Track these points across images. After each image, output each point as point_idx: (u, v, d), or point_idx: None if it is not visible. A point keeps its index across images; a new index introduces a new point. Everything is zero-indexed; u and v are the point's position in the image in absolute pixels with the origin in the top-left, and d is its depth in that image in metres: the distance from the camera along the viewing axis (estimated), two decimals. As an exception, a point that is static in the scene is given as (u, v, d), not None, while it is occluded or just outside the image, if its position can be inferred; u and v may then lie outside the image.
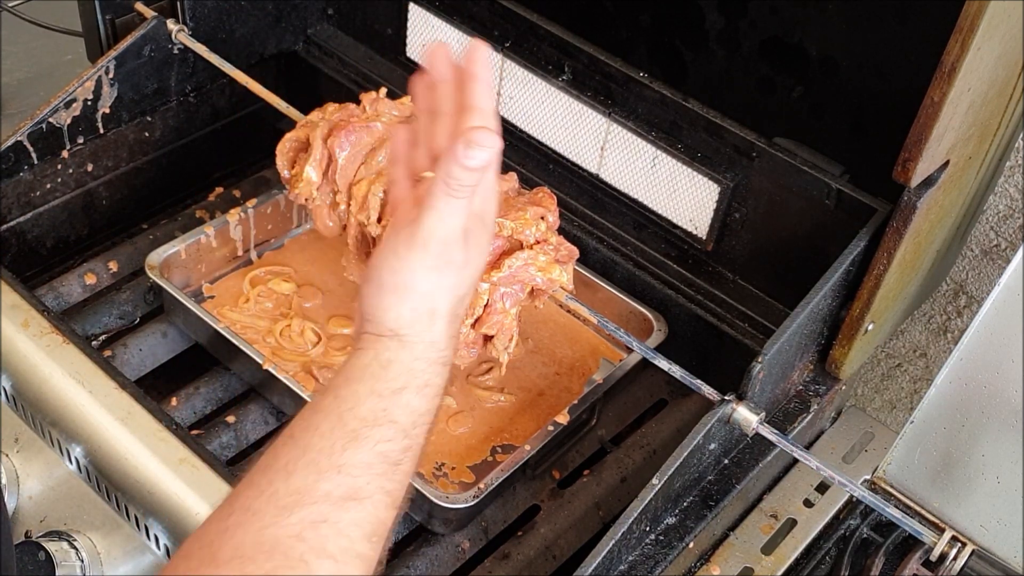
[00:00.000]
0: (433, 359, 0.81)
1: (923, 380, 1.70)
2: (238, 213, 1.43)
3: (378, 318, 0.81)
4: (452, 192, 0.81)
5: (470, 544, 1.21)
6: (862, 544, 1.26)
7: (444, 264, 0.82)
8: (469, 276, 0.86)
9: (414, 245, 0.81)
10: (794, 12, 1.35)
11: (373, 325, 0.81)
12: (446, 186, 0.81)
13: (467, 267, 0.85)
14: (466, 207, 0.82)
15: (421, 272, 0.81)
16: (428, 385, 0.80)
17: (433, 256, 0.81)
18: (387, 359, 0.79)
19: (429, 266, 0.81)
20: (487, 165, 0.82)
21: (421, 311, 0.81)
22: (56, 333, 1.23)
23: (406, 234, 0.82)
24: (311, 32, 1.67)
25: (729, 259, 1.37)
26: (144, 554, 1.20)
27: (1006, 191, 1.48)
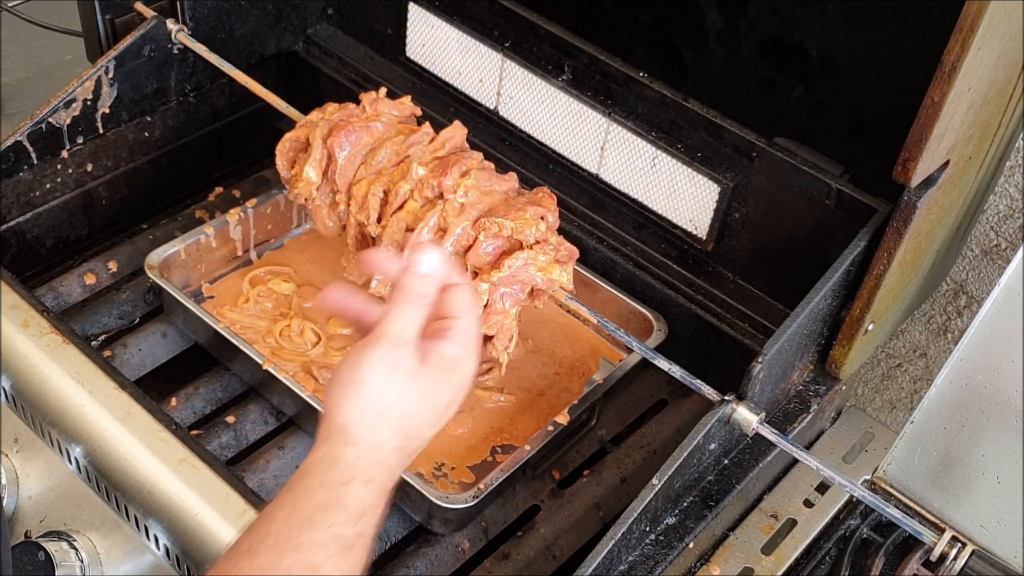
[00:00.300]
0: (375, 460, 0.84)
1: (923, 380, 1.70)
2: (238, 213, 1.43)
3: (332, 412, 0.85)
4: (406, 299, 0.87)
5: (470, 544, 1.21)
6: (862, 544, 1.26)
7: (395, 364, 0.85)
8: (425, 404, 0.87)
9: (369, 341, 0.86)
10: (794, 12, 1.35)
11: (327, 420, 0.86)
12: (402, 291, 0.88)
13: (420, 382, 0.86)
14: (419, 314, 0.87)
15: (372, 366, 0.85)
16: (372, 481, 0.83)
17: (384, 352, 0.85)
18: (334, 456, 0.83)
19: (381, 361, 0.85)
20: (436, 275, 0.89)
21: (370, 408, 0.84)
22: (56, 333, 1.23)
23: (370, 334, 0.87)
24: (311, 32, 1.67)
25: (729, 259, 1.37)
26: (144, 554, 1.20)
27: (1006, 191, 1.48)
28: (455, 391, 0.88)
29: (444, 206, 1.18)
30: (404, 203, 1.21)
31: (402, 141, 1.25)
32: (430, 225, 1.18)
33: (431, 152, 1.24)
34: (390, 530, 1.21)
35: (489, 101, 1.51)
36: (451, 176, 1.19)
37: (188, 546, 1.13)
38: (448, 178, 1.18)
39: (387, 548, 1.20)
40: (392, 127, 1.27)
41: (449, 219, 1.18)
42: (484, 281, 1.15)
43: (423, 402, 0.87)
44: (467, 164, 1.21)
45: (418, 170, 1.20)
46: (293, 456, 1.26)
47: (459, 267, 1.18)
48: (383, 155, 1.24)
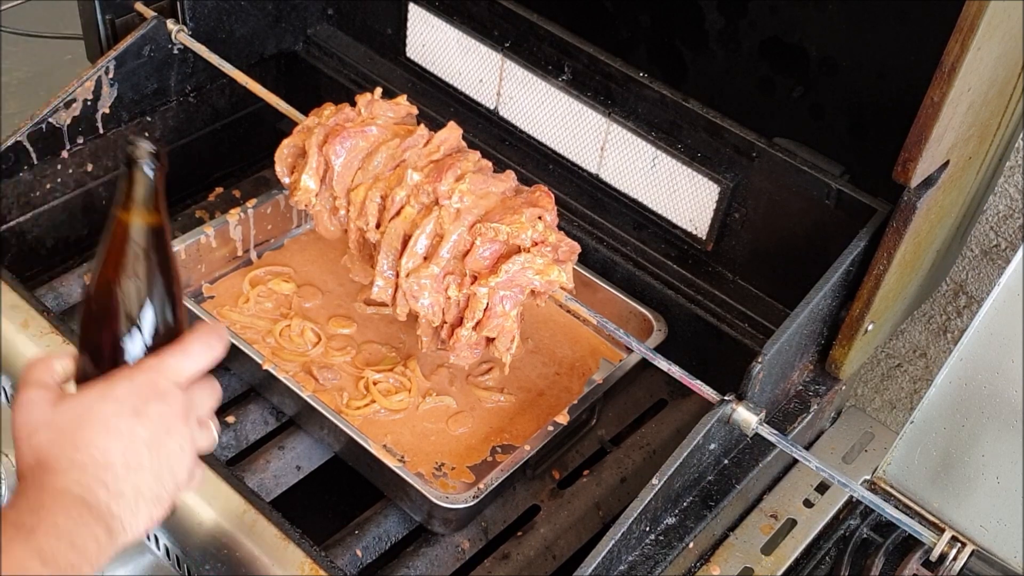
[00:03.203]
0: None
1: (923, 380, 1.70)
2: (238, 213, 1.43)
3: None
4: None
5: (470, 544, 1.21)
6: (862, 544, 1.26)
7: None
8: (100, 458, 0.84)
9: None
10: (794, 12, 1.35)
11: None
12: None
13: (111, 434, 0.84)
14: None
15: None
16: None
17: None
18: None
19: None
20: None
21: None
22: (56, 333, 1.23)
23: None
24: (311, 32, 1.67)
25: (729, 259, 1.37)
26: (144, 554, 1.20)
27: (1006, 191, 1.48)
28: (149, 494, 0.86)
29: (440, 212, 1.18)
30: (401, 209, 1.21)
31: (398, 144, 1.25)
32: (427, 232, 1.18)
33: (426, 156, 1.24)
34: (390, 530, 1.21)
35: (489, 101, 1.51)
36: (446, 181, 1.19)
37: (188, 546, 1.12)
38: (443, 183, 1.18)
39: (387, 548, 1.20)
40: (388, 129, 1.27)
41: (445, 225, 1.18)
42: (483, 285, 1.15)
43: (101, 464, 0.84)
44: (462, 167, 1.21)
45: (413, 176, 1.20)
46: (293, 456, 1.26)
47: (459, 271, 1.18)
48: (379, 159, 1.24)
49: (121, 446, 0.84)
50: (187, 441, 0.89)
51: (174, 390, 0.88)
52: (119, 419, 0.84)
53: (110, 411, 0.85)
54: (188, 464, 0.89)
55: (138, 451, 0.85)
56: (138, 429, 0.85)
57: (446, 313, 1.20)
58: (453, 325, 1.20)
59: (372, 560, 1.19)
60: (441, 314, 1.20)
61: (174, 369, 0.89)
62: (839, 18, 1.32)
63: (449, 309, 1.20)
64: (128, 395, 0.85)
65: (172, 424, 0.87)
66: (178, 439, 0.88)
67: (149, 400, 0.86)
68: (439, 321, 1.21)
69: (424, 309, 1.20)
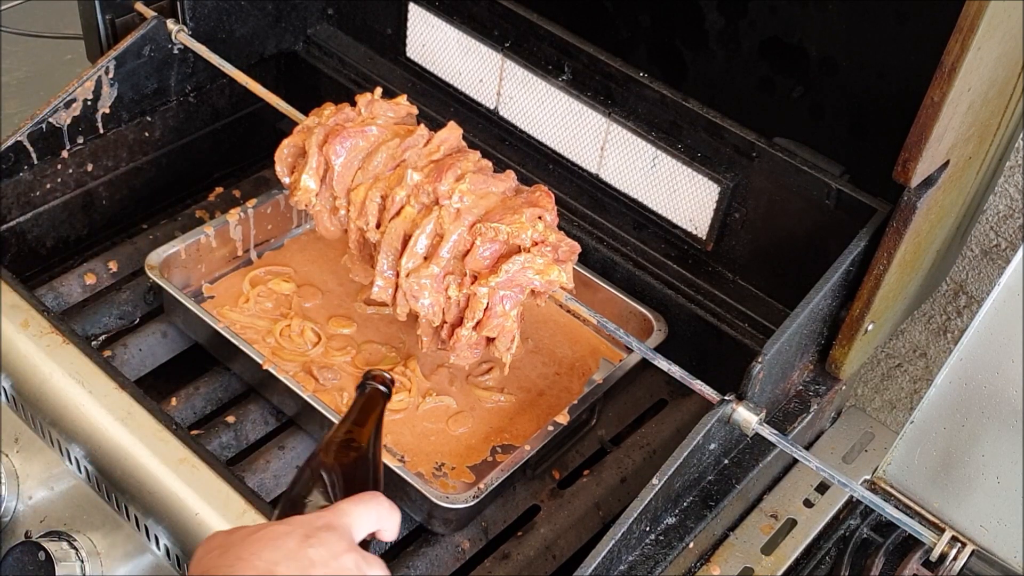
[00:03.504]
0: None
1: (923, 380, 1.70)
2: (238, 213, 1.43)
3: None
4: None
5: (470, 544, 1.21)
6: (862, 544, 1.26)
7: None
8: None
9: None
10: (794, 12, 1.35)
11: None
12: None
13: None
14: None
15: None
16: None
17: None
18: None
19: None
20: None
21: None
22: (56, 333, 1.23)
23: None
24: (311, 32, 1.67)
25: (729, 259, 1.37)
26: (144, 554, 1.20)
27: (1006, 191, 1.48)
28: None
29: (440, 212, 1.18)
30: (401, 209, 1.21)
31: (398, 144, 1.25)
32: (427, 232, 1.19)
33: (426, 156, 1.24)
34: (390, 530, 1.21)
35: (489, 101, 1.51)
36: (446, 181, 1.19)
37: (188, 546, 1.13)
38: (443, 183, 1.19)
39: (387, 548, 1.20)
40: (388, 129, 1.27)
41: (445, 225, 1.18)
42: (483, 285, 1.15)
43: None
44: (462, 167, 1.21)
45: (413, 176, 1.20)
46: (293, 456, 1.26)
47: (459, 271, 1.18)
48: (379, 159, 1.24)
49: (287, 561, 0.84)
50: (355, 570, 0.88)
51: (348, 531, 0.89)
52: (289, 538, 0.86)
53: (281, 531, 0.86)
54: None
55: (305, 567, 0.84)
56: (307, 550, 0.85)
57: (446, 313, 1.20)
58: (453, 325, 1.20)
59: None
60: (441, 314, 1.20)
61: (350, 513, 0.91)
62: (839, 18, 1.32)
63: (449, 309, 1.20)
64: (302, 523, 0.88)
65: (342, 557, 0.87)
66: (347, 564, 0.87)
67: (321, 530, 0.87)
68: (439, 321, 1.21)
69: (424, 309, 1.20)
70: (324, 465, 0.96)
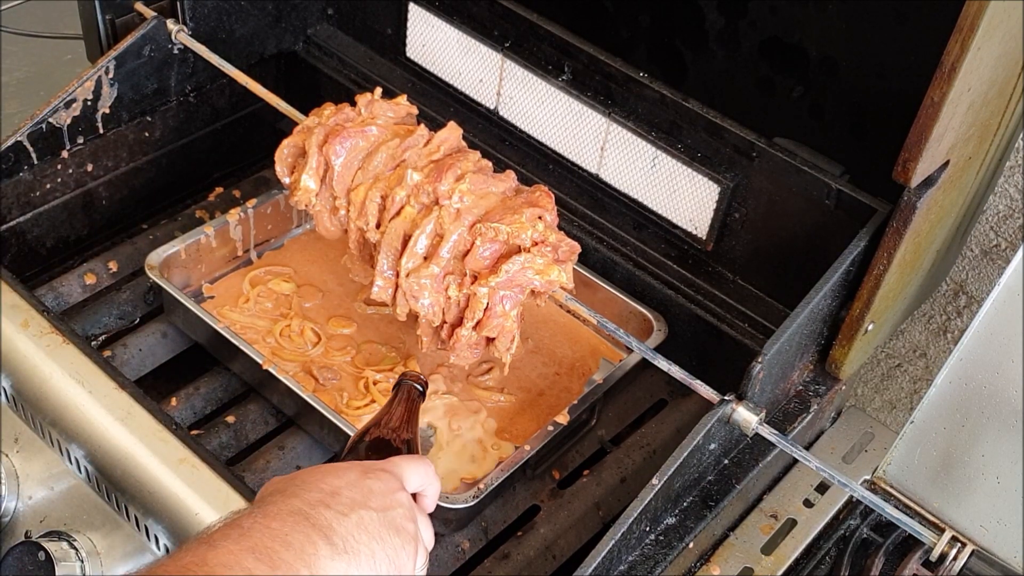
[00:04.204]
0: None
1: (923, 380, 1.70)
2: (238, 213, 1.43)
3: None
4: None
5: (470, 544, 1.21)
6: (862, 544, 1.26)
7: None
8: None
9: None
10: (794, 12, 1.35)
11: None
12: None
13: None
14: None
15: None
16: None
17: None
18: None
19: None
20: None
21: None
22: (56, 333, 1.23)
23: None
24: (311, 32, 1.67)
25: (729, 259, 1.37)
26: (144, 554, 1.20)
27: (1006, 191, 1.48)
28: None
29: (440, 212, 1.18)
30: (401, 209, 1.21)
31: (398, 144, 1.25)
32: (427, 232, 1.19)
33: (426, 156, 1.24)
34: (390, 530, 1.21)
35: (489, 101, 1.51)
36: (446, 181, 1.19)
37: (188, 546, 1.12)
38: (443, 183, 1.19)
39: (387, 548, 1.20)
40: (388, 129, 1.27)
41: (445, 225, 1.18)
42: (483, 285, 1.15)
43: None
44: (462, 167, 1.21)
45: (413, 176, 1.20)
46: (293, 456, 1.26)
47: (459, 271, 1.18)
48: (379, 160, 1.24)
49: (349, 487, 0.90)
50: (410, 519, 0.93)
51: (401, 478, 0.96)
52: (350, 472, 0.93)
53: (343, 467, 0.94)
54: (411, 548, 0.92)
55: (365, 494, 0.91)
56: (367, 480, 0.92)
57: (446, 313, 1.20)
58: (453, 325, 1.20)
59: (372, 560, 1.19)
60: (441, 314, 1.20)
61: (401, 465, 0.98)
62: (839, 18, 1.32)
63: (449, 309, 1.20)
64: (360, 464, 0.96)
65: (397, 493, 0.93)
66: (401, 511, 0.92)
67: (379, 470, 0.95)
68: (439, 321, 1.21)
69: (424, 309, 1.20)
70: (365, 450, 1.03)
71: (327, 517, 0.86)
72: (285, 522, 0.84)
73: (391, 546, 0.89)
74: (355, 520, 0.88)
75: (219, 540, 0.82)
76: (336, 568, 0.84)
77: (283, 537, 0.83)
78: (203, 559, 0.80)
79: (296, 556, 0.82)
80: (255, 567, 0.80)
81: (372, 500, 0.90)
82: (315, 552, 0.83)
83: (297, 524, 0.85)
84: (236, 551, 0.81)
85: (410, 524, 0.92)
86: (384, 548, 0.89)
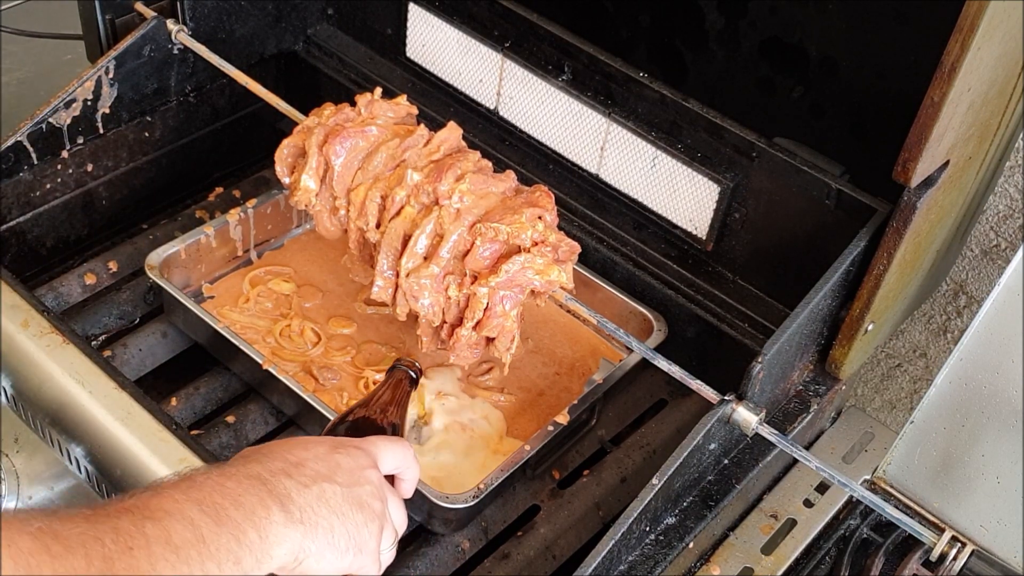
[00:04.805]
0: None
1: (923, 380, 1.70)
2: (238, 213, 1.43)
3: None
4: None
5: (470, 544, 1.21)
6: (862, 544, 1.26)
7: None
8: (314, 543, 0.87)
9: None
10: (794, 12, 1.35)
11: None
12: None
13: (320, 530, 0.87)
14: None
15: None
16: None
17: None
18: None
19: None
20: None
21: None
22: (56, 333, 1.23)
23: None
24: (311, 32, 1.67)
25: (729, 259, 1.37)
26: (144, 554, 1.20)
27: (1006, 191, 1.48)
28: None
29: (440, 212, 1.18)
30: (401, 209, 1.21)
31: (398, 144, 1.25)
32: (427, 232, 1.19)
33: (426, 156, 1.24)
34: (390, 530, 1.21)
35: (489, 101, 1.51)
36: (446, 181, 1.19)
37: (188, 546, 1.12)
38: (443, 183, 1.19)
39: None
40: (388, 129, 1.27)
41: (445, 225, 1.18)
42: (483, 285, 1.15)
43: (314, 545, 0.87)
44: (462, 167, 1.21)
45: (413, 176, 1.20)
46: (293, 456, 1.26)
47: (459, 271, 1.18)
48: (379, 160, 1.24)
49: (315, 460, 0.90)
50: (377, 497, 0.92)
51: (374, 456, 0.96)
52: (319, 445, 0.92)
53: (313, 441, 0.94)
54: (375, 526, 0.91)
55: (331, 467, 0.90)
56: (335, 455, 0.91)
57: (446, 313, 1.20)
58: (453, 325, 1.20)
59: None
60: (441, 314, 1.20)
61: (376, 444, 0.98)
62: (839, 18, 1.32)
63: (449, 309, 1.20)
64: (332, 439, 0.95)
65: (366, 471, 0.93)
66: (369, 488, 0.92)
67: (349, 446, 0.94)
68: (439, 321, 1.21)
69: (424, 309, 1.20)
70: (345, 429, 1.03)
71: (287, 486, 0.86)
72: (240, 483, 0.83)
73: (353, 522, 0.89)
74: (316, 492, 0.87)
75: (166, 488, 0.81)
76: (289, 536, 0.84)
77: (235, 496, 0.82)
78: (145, 503, 0.79)
79: (245, 516, 0.81)
80: (198, 518, 0.79)
81: (338, 475, 0.90)
82: (267, 516, 0.82)
83: (253, 487, 0.84)
84: (181, 500, 0.79)
85: (376, 503, 0.91)
86: (344, 523, 0.88)
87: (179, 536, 0.77)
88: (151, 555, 0.75)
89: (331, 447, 0.93)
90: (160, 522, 0.77)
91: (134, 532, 0.75)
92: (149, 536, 0.76)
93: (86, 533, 0.74)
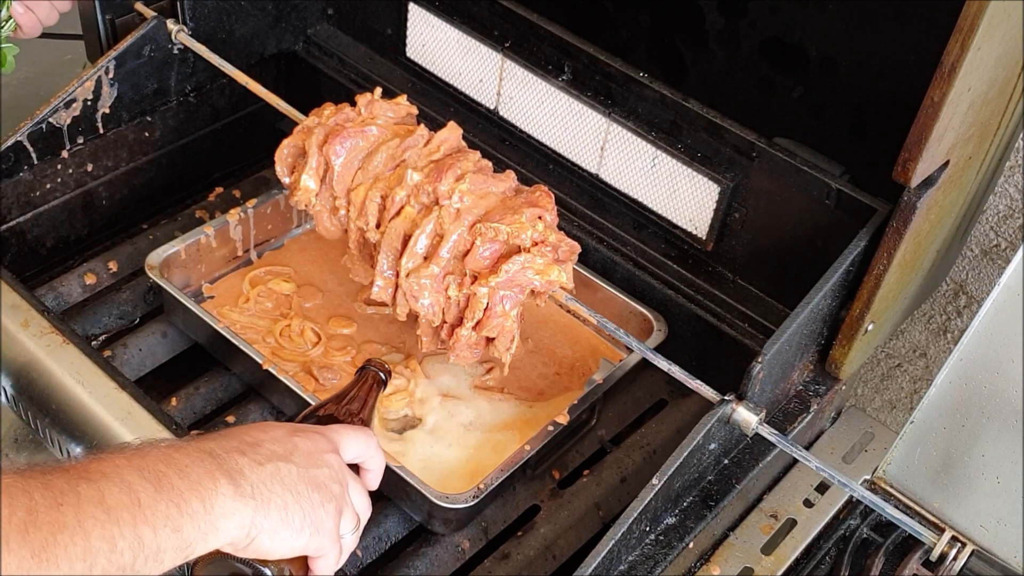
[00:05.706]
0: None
1: (923, 380, 1.71)
2: (238, 213, 1.43)
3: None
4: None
5: (470, 544, 1.21)
6: (862, 544, 1.26)
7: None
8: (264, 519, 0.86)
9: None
10: (794, 12, 1.35)
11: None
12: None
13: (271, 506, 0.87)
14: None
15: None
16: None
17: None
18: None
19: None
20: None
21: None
22: (56, 333, 1.23)
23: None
24: (311, 32, 1.67)
25: (729, 259, 1.37)
26: (144, 554, 1.20)
27: (1006, 191, 1.48)
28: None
29: (440, 212, 1.18)
30: (401, 209, 1.21)
31: (398, 144, 1.25)
32: (427, 232, 1.19)
33: (426, 156, 1.24)
34: (390, 530, 1.21)
35: (489, 101, 1.51)
36: (446, 181, 1.19)
37: (188, 546, 1.12)
38: (443, 183, 1.19)
39: (387, 548, 1.20)
40: (388, 129, 1.27)
41: (445, 225, 1.18)
42: (483, 285, 1.15)
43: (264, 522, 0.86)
44: (462, 167, 1.21)
45: (413, 176, 1.20)
46: (293, 456, 1.26)
47: (459, 271, 1.18)
48: (379, 160, 1.24)
49: (272, 441, 0.91)
50: (336, 480, 0.92)
51: (335, 443, 0.96)
52: (277, 429, 0.93)
53: (272, 424, 0.95)
54: (332, 507, 0.91)
55: (288, 449, 0.90)
56: (294, 438, 0.91)
57: (446, 313, 1.20)
58: (453, 325, 1.20)
59: (372, 560, 1.19)
60: (441, 314, 1.20)
61: (338, 431, 0.98)
62: (839, 18, 1.32)
63: (449, 309, 1.20)
64: (288, 425, 0.96)
65: (326, 455, 0.93)
66: (328, 471, 0.91)
67: (309, 431, 0.95)
68: (439, 321, 1.21)
69: (424, 309, 1.20)
70: (314, 423, 1.03)
71: (239, 463, 0.85)
72: (190, 455, 0.83)
73: (308, 501, 0.88)
74: (270, 470, 0.87)
75: (110, 454, 0.80)
76: (239, 510, 0.83)
77: (181, 467, 0.81)
78: (84, 466, 0.78)
79: (190, 487, 0.80)
80: (137, 482, 0.77)
81: (295, 456, 0.89)
82: (214, 488, 0.82)
83: (202, 459, 0.83)
84: (122, 464, 0.78)
85: (335, 485, 0.91)
86: (300, 502, 0.87)
87: (113, 497, 0.76)
88: (80, 512, 0.74)
89: (290, 431, 0.93)
90: (95, 483, 0.76)
91: (66, 489, 0.74)
92: (81, 494, 0.75)
93: (14, 485, 0.73)
